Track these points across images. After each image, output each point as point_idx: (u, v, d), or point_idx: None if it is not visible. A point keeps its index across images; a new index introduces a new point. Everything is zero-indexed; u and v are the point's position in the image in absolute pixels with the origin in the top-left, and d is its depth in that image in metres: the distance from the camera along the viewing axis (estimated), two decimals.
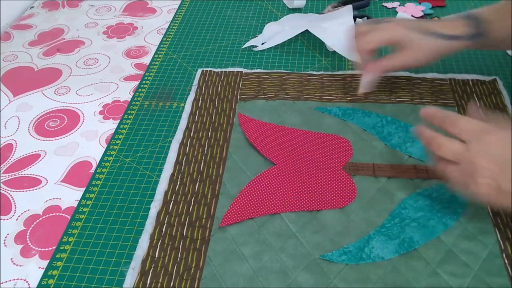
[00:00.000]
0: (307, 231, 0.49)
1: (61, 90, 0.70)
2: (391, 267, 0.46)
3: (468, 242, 0.48)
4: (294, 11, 0.85)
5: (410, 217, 0.50)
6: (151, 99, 0.67)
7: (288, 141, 0.59)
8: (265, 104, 0.64)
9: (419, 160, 0.56)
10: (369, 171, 0.55)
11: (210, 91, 0.67)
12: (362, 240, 0.48)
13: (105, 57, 0.77)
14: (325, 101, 0.64)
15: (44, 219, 0.53)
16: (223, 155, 0.58)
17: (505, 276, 0.45)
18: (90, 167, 0.58)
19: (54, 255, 0.49)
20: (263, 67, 0.72)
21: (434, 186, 0.53)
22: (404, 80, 0.67)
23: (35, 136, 0.63)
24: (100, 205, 0.54)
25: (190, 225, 0.50)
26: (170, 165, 0.57)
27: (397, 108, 0.63)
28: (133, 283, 0.46)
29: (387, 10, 0.84)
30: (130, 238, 0.50)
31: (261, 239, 0.49)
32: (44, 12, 0.89)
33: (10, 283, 0.47)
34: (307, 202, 0.52)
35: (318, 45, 0.76)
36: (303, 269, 0.46)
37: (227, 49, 0.76)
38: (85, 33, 0.83)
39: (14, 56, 0.78)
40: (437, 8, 0.84)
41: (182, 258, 0.47)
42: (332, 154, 0.57)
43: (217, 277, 0.46)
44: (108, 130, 0.63)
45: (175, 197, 0.53)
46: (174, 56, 0.75)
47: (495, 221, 0.49)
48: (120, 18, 0.86)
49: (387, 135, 0.59)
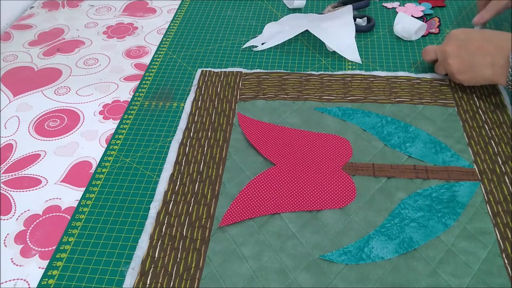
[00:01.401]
0: (307, 231, 0.49)
1: (61, 90, 0.71)
2: (391, 267, 0.46)
3: (468, 242, 0.48)
4: (294, 11, 0.85)
5: (410, 217, 0.50)
6: (151, 99, 0.67)
7: (288, 141, 0.59)
8: (264, 104, 0.64)
9: (419, 160, 0.56)
10: (369, 171, 0.55)
11: (210, 91, 0.67)
12: (362, 240, 0.48)
13: (105, 57, 0.77)
14: (324, 101, 0.64)
15: (44, 219, 0.53)
16: (222, 155, 0.58)
17: (505, 276, 0.45)
18: (90, 167, 0.58)
19: (54, 255, 0.49)
20: (263, 67, 0.72)
21: (434, 186, 0.53)
22: (404, 80, 0.67)
23: (35, 136, 0.63)
24: (100, 205, 0.54)
25: (190, 225, 0.50)
26: (170, 165, 0.57)
27: (397, 108, 0.63)
28: (133, 283, 0.46)
29: (387, 10, 0.84)
30: (130, 238, 0.50)
31: (261, 239, 0.49)
32: (44, 12, 0.89)
33: (10, 283, 0.47)
34: (307, 202, 0.52)
35: (318, 45, 0.76)
36: (303, 269, 0.46)
37: (227, 49, 0.76)
38: (85, 33, 0.83)
39: (14, 56, 0.78)
40: (437, 8, 0.84)
41: (182, 258, 0.47)
42: (332, 154, 0.57)
43: (217, 277, 0.46)
44: (108, 130, 0.63)
45: (175, 197, 0.53)
46: (174, 56, 0.75)
47: (495, 221, 0.49)
48: (120, 18, 0.86)
49: (387, 135, 0.59)
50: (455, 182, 0.53)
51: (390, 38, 0.77)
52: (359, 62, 0.71)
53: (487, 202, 0.51)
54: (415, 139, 0.58)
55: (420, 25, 0.74)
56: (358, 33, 0.78)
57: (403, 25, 0.75)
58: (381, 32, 0.78)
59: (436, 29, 0.77)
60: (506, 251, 0.47)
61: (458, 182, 0.53)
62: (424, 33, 0.77)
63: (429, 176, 0.54)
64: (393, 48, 0.74)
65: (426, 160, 0.56)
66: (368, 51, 0.74)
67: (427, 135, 0.59)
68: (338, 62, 0.72)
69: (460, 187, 0.53)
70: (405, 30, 0.75)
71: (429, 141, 0.58)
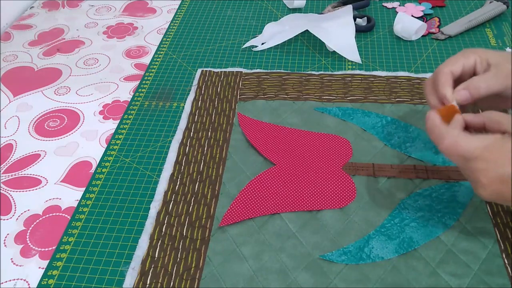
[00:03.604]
0: (307, 231, 0.49)
1: (61, 90, 0.70)
2: (391, 267, 0.46)
3: (468, 242, 0.48)
4: (294, 11, 0.85)
5: (410, 217, 0.50)
6: (151, 99, 0.67)
7: (288, 141, 0.59)
8: (264, 104, 0.64)
9: (419, 160, 0.56)
10: (369, 171, 0.55)
11: (210, 91, 0.67)
12: (362, 240, 0.48)
13: (105, 57, 0.77)
14: (324, 101, 0.64)
15: (44, 219, 0.53)
16: (222, 155, 0.58)
17: (505, 276, 0.45)
18: (90, 167, 0.58)
19: (54, 255, 0.49)
20: (263, 67, 0.72)
21: (434, 186, 0.53)
22: (404, 80, 0.67)
23: (35, 136, 0.63)
24: (100, 205, 0.54)
25: (190, 225, 0.50)
26: (170, 165, 0.57)
27: (397, 108, 0.63)
28: (133, 283, 0.46)
29: (387, 10, 0.84)
30: (130, 238, 0.50)
31: (261, 239, 0.49)
32: (44, 12, 0.89)
33: (10, 283, 0.47)
34: (307, 202, 0.52)
35: (318, 45, 0.76)
36: (303, 269, 0.46)
37: (227, 49, 0.76)
38: (85, 33, 0.83)
39: (14, 56, 0.78)
40: (437, 8, 0.84)
41: (182, 258, 0.47)
42: (332, 154, 0.57)
43: (217, 277, 0.46)
44: (108, 130, 0.63)
45: (175, 197, 0.53)
46: (174, 56, 0.75)
47: (495, 221, 0.49)
48: (120, 18, 0.86)
49: (387, 135, 0.59)
50: (455, 182, 0.53)
51: (390, 38, 0.77)
52: (359, 62, 0.71)
53: (487, 202, 0.51)
54: (415, 139, 0.58)
55: (420, 25, 0.74)
56: (358, 33, 0.78)
57: (403, 25, 0.75)
58: (381, 32, 0.78)
59: (436, 29, 0.77)
60: (506, 251, 0.47)
61: (458, 182, 0.53)
62: (424, 33, 0.77)
63: (429, 176, 0.54)
64: (393, 48, 0.74)
65: (426, 160, 0.56)
66: (368, 51, 0.74)
67: (427, 135, 0.59)
68: (338, 62, 0.72)
69: (460, 187, 0.53)
70: (405, 30, 0.75)
71: (429, 141, 0.58)
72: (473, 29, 0.77)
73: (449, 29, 0.77)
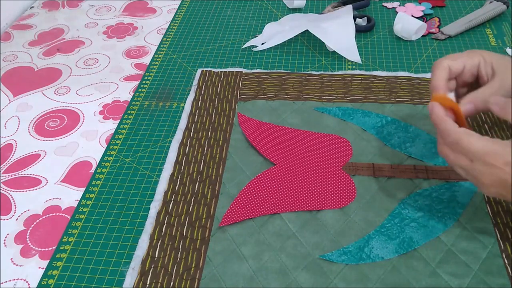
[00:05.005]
0: (307, 231, 0.49)
1: (61, 90, 0.70)
2: (391, 267, 0.46)
3: (468, 242, 0.48)
4: (294, 11, 0.85)
5: (410, 217, 0.50)
6: (151, 99, 0.67)
7: (288, 141, 0.59)
8: (265, 104, 0.64)
9: (419, 160, 0.56)
10: (369, 171, 0.55)
11: (210, 91, 0.67)
12: (362, 240, 0.48)
13: (105, 57, 0.77)
14: (324, 101, 0.64)
15: (44, 219, 0.53)
16: (222, 155, 0.58)
17: (505, 276, 0.45)
18: (90, 167, 0.58)
19: (54, 255, 0.49)
20: (263, 67, 0.72)
21: (434, 186, 0.53)
22: (404, 80, 0.67)
23: (35, 136, 0.63)
24: (100, 205, 0.54)
25: (190, 225, 0.50)
26: (170, 165, 0.57)
27: (397, 108, 0.63)
28: (133, 283, 0.46)
29: (387, 10, 0.84)
30: (130, 238, 0.50)
31: (261, 239, 0.49)
32: (44, 12, 0.89)
33: (10, 283, 0.47)
34: (307, 202, 0.52)
35: (318, 45, 0.76)
36: (303, 269, 0.46)
37: (227, 49, 0.76)
38: (85, 33, 0.83)
39: (14, 56, 0.78)
40: (437, 8, 0.84)
41: (182, 258, 0.47)
42: (332, 154, 0.57)
43: (217, 277, 0.46)
44: (108, 130, 0.63)
45: (175, 197, 0.53)
46: (174, 56, 0.75)
47: (495, 221, 0.49)
48: (120, 18, 0.86)
49: (387, 135, 0.59)
50: (455, 182, 0.53)
51: (390, 38, 0.77)
52: (359, 62, 0.71)
53: (487, 202, 0.51)
54: (415, 139, 0.58)
55: (420, 25, 0.74)
56: (358, 33, 0.78)
57: (403, 25, 0.75)
58: (381, 32, 0.78)
59: (436, 29, 0.77)
60: (506, 251, 0.47)
61: (458, 182, 0.53)
62: (424, 33, 0.77)
63: (429, 176, 0.54)
64: (393, 48, 0.75)
65: (426, 160, 0.56)
66: (368, 51, 0.74)
67: (427, 135, 0.59)
68: (338, 62, 0.72)
69: (460, 187, 0.53)
70: (405, 30, 0.75)
71: (429, 141, 0.58)
72: (473, 29, 0.78)
73: (449, 29, 0.77)
